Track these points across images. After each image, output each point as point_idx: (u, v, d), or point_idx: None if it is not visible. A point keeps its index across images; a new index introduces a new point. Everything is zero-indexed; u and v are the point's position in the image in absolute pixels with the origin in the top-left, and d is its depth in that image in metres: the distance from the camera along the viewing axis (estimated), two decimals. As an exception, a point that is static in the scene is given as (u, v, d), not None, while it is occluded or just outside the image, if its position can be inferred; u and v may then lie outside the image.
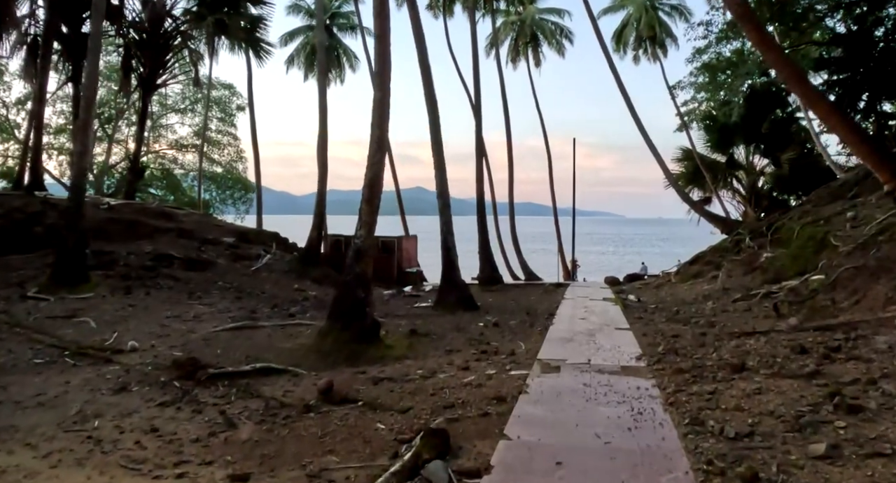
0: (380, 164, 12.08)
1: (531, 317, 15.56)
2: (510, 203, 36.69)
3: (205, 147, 49.47)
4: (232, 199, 49.24)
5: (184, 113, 49.15)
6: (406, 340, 12.21)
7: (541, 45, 41.40)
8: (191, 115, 48.84)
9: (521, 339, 12.18)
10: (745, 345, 9.55)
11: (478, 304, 17.36)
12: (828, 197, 22.82)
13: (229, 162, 49.80)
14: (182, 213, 27.32)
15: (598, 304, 16.98)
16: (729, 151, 36.43)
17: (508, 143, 36.13)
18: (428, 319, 15.26)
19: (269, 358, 10.93)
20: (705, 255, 25.73)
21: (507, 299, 19.89)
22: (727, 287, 18.66)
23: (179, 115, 49.11)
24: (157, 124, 48.83)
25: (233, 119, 48.67)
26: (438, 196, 17.65)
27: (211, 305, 17.00)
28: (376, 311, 16.93)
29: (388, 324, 14.24)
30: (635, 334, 11.92)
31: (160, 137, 50.02)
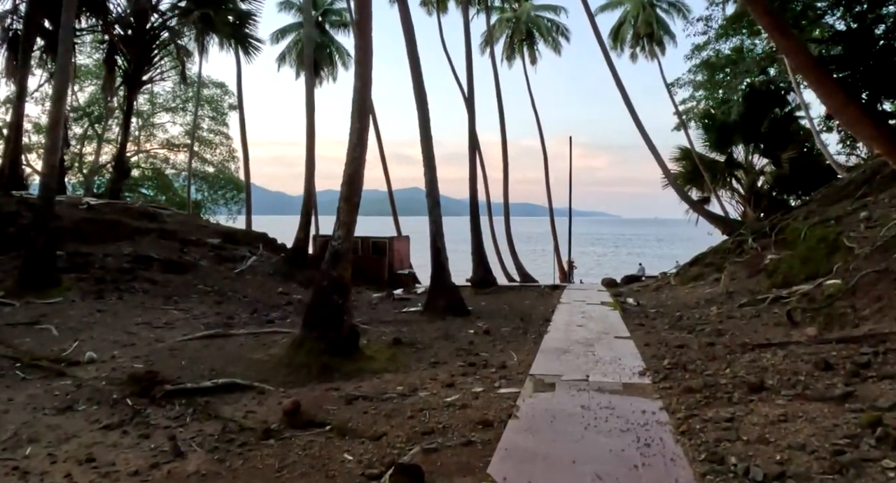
0: (360, 160, 11.04)
1: (525, 323, 14.53)
2: (505, 203, 35.60)
3: (197, 146, 48.50)
4: (224, 199, 48.17)
5: (175, 112, 48.07)
6: (388, 351, 11.17)
7: (536, 42, 40.38)
8: (182, 113, 47.79)
9: (513, 350, 11.16)
10: (761, 359, 8.50)
11: (469, 309, 16.33)
12: (833, 196, 21.83)
13: (221, 161, 48.76)
14: (167, 214, 26.27)
15: (596, 309, 15.95)
16: (728, 150, 35.49)
17: (503, 141, 35.05)
18: (415, 326, 14.23)
19: (236, 371, 9.90)
20: (706, 256, 24.72)
21: (501, 303, 18.86)
22: (731, 290, 17.64)
23: (171, 114, 48.03)
24: (147, 123, 47.77)
25: (225, 118, 47.67)
26: (428, 194, 16.61)
27: (187, 311, 15.97)
28: (362, 317, 15.98)
29: (372, 331, 13.23)
30: (637, 344, 10.88)
31: (151, 137, 48.96)
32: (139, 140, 47.54)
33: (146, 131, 48.58)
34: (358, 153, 11.06)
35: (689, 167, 35.91)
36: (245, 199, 40.81)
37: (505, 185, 35.44)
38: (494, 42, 39.74)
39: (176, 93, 46.22)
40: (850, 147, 37.68)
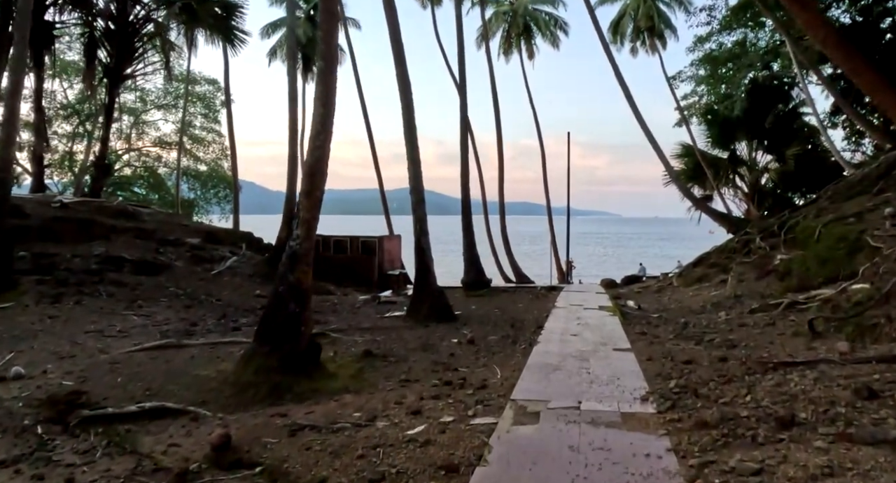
0: (323, 150, 9.60)
1: (515, 330, 13.07)
2: (500, 201, 34.10)
3: (189, 144, 47.12)
4: (217, 198, 46.72)
5: (167, 109, 46.63)
6: (355, 365, 9.72)
7: (534, 37, 38.84)
8: (174, 111, 46.30)
9: (497, 363, 9.70)
10: (787, 382, 7.02)
11: (456, 314, 14.87)
12: (845, 192, 20.33)
13: (214, 160, 47.31)
14: (146, 212, 24.86)
15: (594, 315, 14.48)
16: (731, 147, 34.05)
17: (498, 136, 33.52)
18: (394, 334, 12.77)
19: (175, 391, 8.49)
20: (710, 256, 23.23)
21: (492, 307, 17.39)
22: (739, 294, 16.16)
23: (163, 111, 46.59)
24: (139, 121, 46.32)
25: (217, 115, 46.18)
26: (412, 190, 15.14)
27: (149, 316, 14.56)
28: (340, 322, 14.55)
29: (343, 341, 11.79)
30: (638, 358, 9.41)
31: (143, 134, 47.51)
32: (130, 138, 46.14)
33: (138, 129, 47.14)
34: (321, 141, 9.61)
35: (690, 164, 34.46)
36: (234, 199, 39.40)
37: (500, 182, 33.98)
38: (490, 37, 38.26)
39: (167, 89, 44.79)
40: (856, 143, 36.33)
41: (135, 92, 45.25)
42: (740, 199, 34.69)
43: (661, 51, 38.02)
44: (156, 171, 47.37)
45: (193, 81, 44.91)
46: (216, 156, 47.09)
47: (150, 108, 46.41)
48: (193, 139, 47.01)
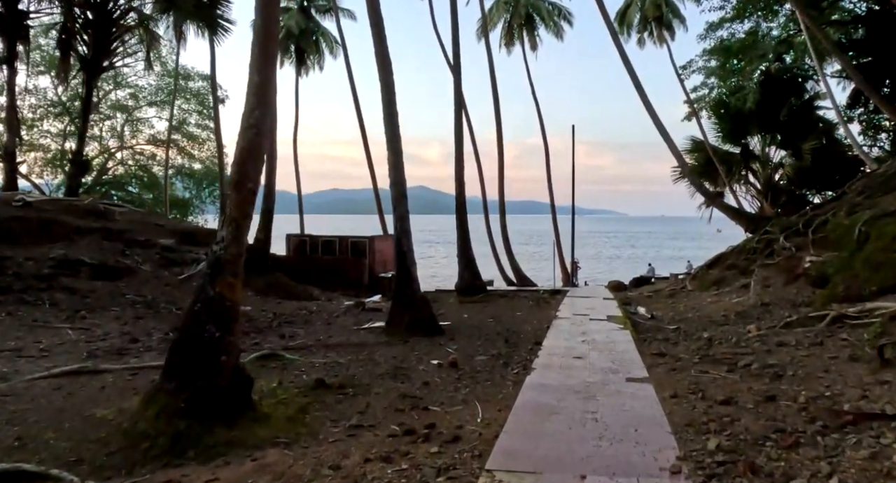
0: (259, 128, 7.42)
1: (509, 347, 10.87)
2: (500, 198, 31.76)
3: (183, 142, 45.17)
4: (213, 197, 44.65)
5: (161, 106, 44.56)
6: (300, 401, 7.53)
7: (537, 27, 36.59)
8: (168, 107, 44.23)
9: (481, 397, 7.54)
10: (885, 452, 4.80)
11: (441, 327, 12.67)
12: (880, 187, 18.07)
13: (209, 158, 45.24)
14: (119, 211, 22.76)
15: (601, 328, 12.24)
16: (743, 142, 31.78)
17: (498, 128, 31.19)
18: (364, 353, 10.58)
19: (51, 441, 6.35)
20: (726, 257, 20.97)
21: (487, 316, 15.19)
22: (766, 301, 13.95)
23: (156, 108, 44.55)
24: (132, 118, 44.34)
25: (211, 112, 44.02)
26: (392, 184, 12.92)
27: (88, 329, 12.45)
28: (309, 336, 12.41)
29: (297, 364, 9.60)
30: (659, 393, 7.20)
31: (137, 132, 45.54)
32: (123, 136, 44.19)
33: (131, 126, 45.20)
34: (256, 119, 7.43)
35: (701, 160, 32.22)
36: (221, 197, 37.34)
37: (500, 178, 31.69)
38: (491, 28, 35.99)
39: (160, 85, 42.76)
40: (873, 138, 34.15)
41: (126, 88, 43.34)
42: (753, 196, 32.47)
43: (669, 42, 35.77)
44: (150, 169, 45.38)
45: (187, 77, 42.93)
46: (211, 154, 45.02)
47: (142, 105, 44.42)
48: (187, 137, 45.01)
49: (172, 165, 45.90)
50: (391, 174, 12.95)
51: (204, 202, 44.88)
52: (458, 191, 19.32)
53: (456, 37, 20.12)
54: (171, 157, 45.58)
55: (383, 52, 13.28)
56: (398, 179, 12.90)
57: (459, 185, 19.31)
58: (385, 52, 13.28)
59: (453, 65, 20.83)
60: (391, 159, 12.95)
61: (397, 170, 12.92)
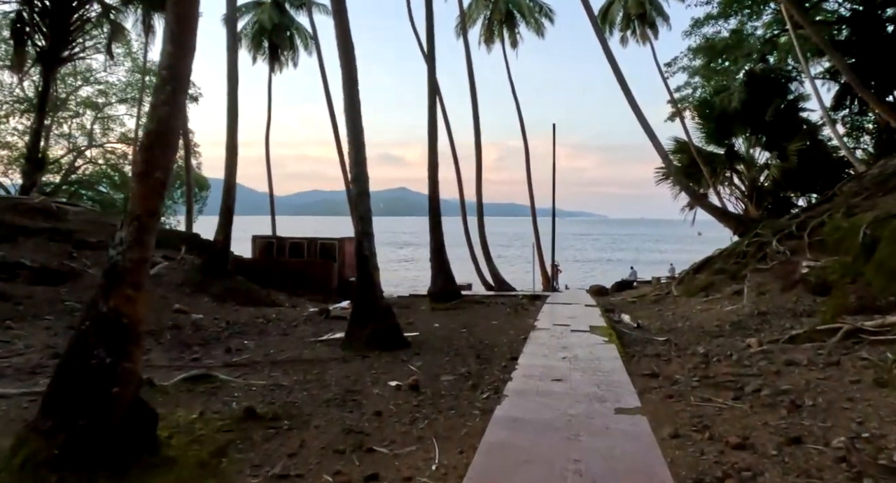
0: (172, 107, 6.02)
1: (481, 364, 9.49)
2: (478, 199, 30.34)
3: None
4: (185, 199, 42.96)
5: (132, 103, 42.79)
6: (220, 438, 6.11)
7: (517, 24, 35.30)
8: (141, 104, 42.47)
9: (441, 433, 6.17)
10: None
11: (406, 339, 11.27)
12: (876, 188, 16.94)
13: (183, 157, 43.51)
14: (73, 211, 21.20)
15: (584, 341, 10.88)
16: (727, 142, 30.74)
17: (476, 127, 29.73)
18: (314, 371, 9.16)
19: None
20: (714, 261, 19.74)
21: (459, 325, 13.80)
22: (762, 310, 12.69)
23: (127, 105, 42.81)
24: (102, 116, 42.58)
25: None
26: (353, 180, 11.48)
27: (8, 342, 10.92)
28: (252, 352, 10.94)
29: (231, 387, 8.16)
30: (656, 430, 5.84)
31: (108, 130, 43.78)
32: (93, 134, 42.42)
33: (102, 124, 43.43)
34: (167, 96, 6.02)
35: (685, 160, 31.12)
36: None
37: (478, 178, 30.26)
38: (471, 24, 34.63)
39: (130, 81, 41.04)
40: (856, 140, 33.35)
41: (96, 84, 41.63)
42: (737, 198, 31.44)
43: (652, 40, 34.58)
44: (121, 169, 43.60)
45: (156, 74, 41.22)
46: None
47: (113, 102, 42.67)
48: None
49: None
50: (351, 170, 11.55)
51: (176, 203, 43.15)
52: (432, 191, 17.92)
53: (430, 22, 18.73)
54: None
55: (344, 34, 11.87)
56: (359, 176, 11.49)
57: (433, 184, 17.90)
58: (346, 35, 11.87)
59: (427, 53, 19.44)
60: (352, 154, 11.54)
61: (358, 165, 11.50)
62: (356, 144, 11.55)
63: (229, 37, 18.15)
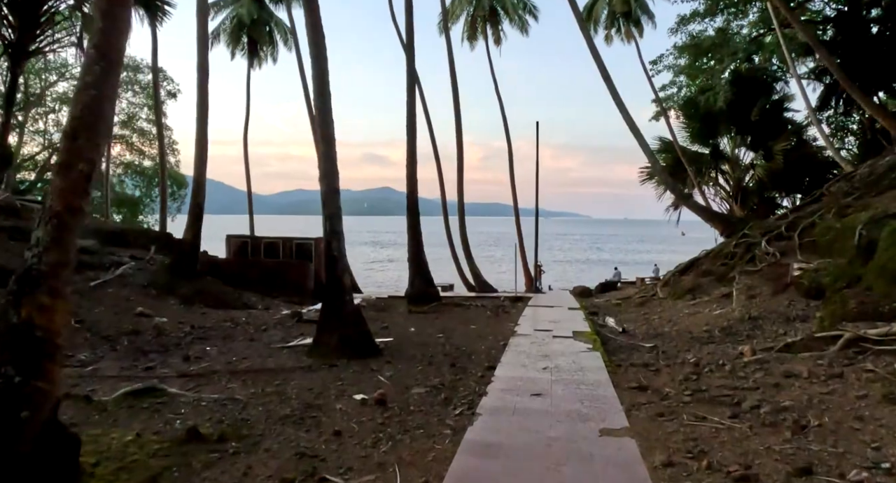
0: (98, 91, 5.27)
1: (456, 374, 8.78)
2: (459, 199, 29.49)
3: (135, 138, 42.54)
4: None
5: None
6: (155, 464, 5.35)
7: (501, 21, 34.57)
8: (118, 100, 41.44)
9: (406, 458, 5.46)
10: None
11: (378, 346, 10.54)
12: (870, 187, 16.40)
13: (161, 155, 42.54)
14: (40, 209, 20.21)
15: (566, 348, 10.20)
16: (713, 142, 30.21)
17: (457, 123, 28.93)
18: (276, 382, 8.40)
19: None
20: (700, 262, 19.13)
21: (437, 329, 13.08)
22: (753, 315, 12.04)
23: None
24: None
25: (163, 106, 41.37)
26: (322, 177, 10.70)
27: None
28: (213, 360, 10.16)
29: (180, 402, 7.39)
30: (647, 459, 5.13)
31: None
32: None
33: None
34: (97, 76, 5.29)
35: (669, 160, 30.50)
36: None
37: (459, 178, 29.41)
38: (454, 21, 33.90)
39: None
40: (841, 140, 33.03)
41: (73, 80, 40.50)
42: (722, 198, 30.93)
43: (637, 39, 33.97)
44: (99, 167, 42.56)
45: (136, 69, 40.26)
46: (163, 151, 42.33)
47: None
48: (138, 132, 42.34)
49: (122, 162, 43.25)
50: (321, 165, 10.77)
51: (154, 201, 42.21)
52: (411, 188, 17.17)
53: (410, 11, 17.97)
54: (121, 153, 42.94)
55: (315, 25, 11.11)
56: (329, 172, 10.73)
57: (412, 181, 17.16)
58: (317, 25, 11.11)
59: (406, 43, 18.66)
60: (321, 148, 10.78)
61: (328, 161, 10.75)
62: (326, 139, 10.80)
63: (199, 27, 17.30)
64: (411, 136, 17.40)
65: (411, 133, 17.38)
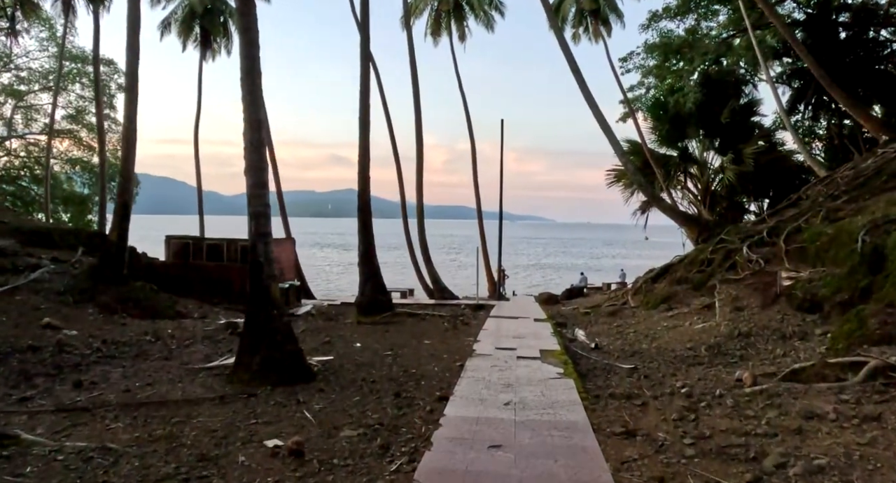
0: None
1: (399, 407, 7.08)
2: (418, 199, 27.59)
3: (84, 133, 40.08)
4: (111, 193, 39.48)
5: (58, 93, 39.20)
6: None
7: (466, 17, 32.90)
8: (64, 94, 38.94)
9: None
10: None
11: (311, 368, 8.78)
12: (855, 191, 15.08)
13: (112, 151, 40.04)
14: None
15: (534, 373, 8.53)
16: (681, 145, 28.97)
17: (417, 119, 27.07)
18: (172, 420, 6.63)
19: None
20: (675, 268, 17.67)
21: (386, 345, 11.34)
22: (743, 330, 10.52)
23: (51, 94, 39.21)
24: (22, 105, 38.96)
25: (113, 100, 39.00)
26: (248, 169, 8.95)
27: None
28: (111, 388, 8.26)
29: (34, 456, 5.57)
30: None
31: (31, 121, 40.12)
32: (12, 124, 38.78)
33: (25, 114, 39.79)
34: None
35: (637, 162, 29.13)
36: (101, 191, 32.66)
37: (419, 177, 27.55)
38: (417, 15, 32.14)
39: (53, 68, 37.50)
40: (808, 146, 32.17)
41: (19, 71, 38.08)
42: (689, 201, 29.67)
43: (605, 38, 32.57)
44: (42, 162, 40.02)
45: (85, 60, 37.82)
46: (114, 146, 39.83)
47: (36, 90, 39.10)
48: (88, 127, 39.85)
49: (70, 159, 40.73)
50: (247, 155, 8.97)
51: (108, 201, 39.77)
52: (362, 186, 15.39)
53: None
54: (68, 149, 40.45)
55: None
56: (256, 162, 8.96)
57: (363, 176, 15.36)
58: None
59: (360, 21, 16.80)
60: (248, 135, 8.99)
61: (255, 149, 8.97)
62: (254, 123, 9.02)
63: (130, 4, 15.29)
64: (364, 126, 15.60)
65: (364, 122, 15.59)
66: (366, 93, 15.70)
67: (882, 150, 17.79)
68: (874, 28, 27.54)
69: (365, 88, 15.73)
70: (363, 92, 15.65)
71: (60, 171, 41.29)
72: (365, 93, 15.68)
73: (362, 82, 15.79)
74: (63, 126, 39.57)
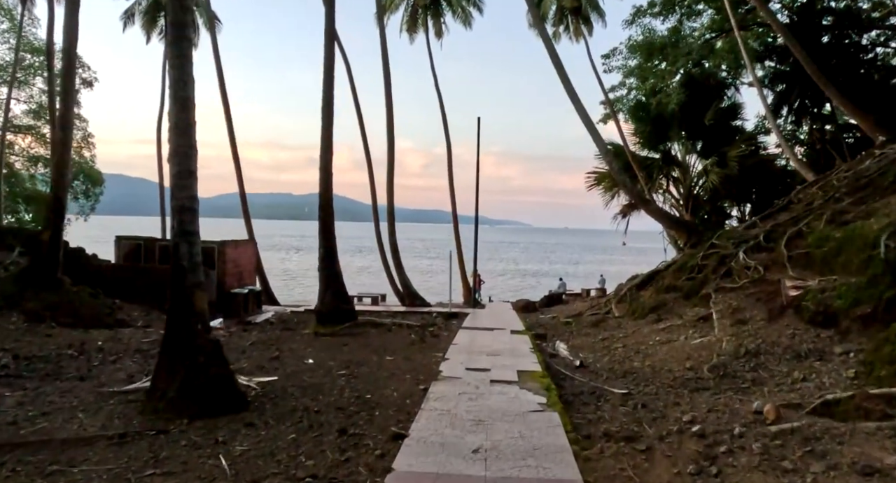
0: None
1: (342, 450, 5.56)
2: (389, 202, 25.90)
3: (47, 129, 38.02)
4: (73, 192, 37.43)
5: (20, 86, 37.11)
6: None
7: (444, 13, 31.40)
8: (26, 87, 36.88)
9: None
10: None
11: (244, 394, 7.22)
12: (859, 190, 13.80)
13: (76, 148, 38.01)
14: None
15: (510, 404, 7.06)
16: (663, 147, 27.80)
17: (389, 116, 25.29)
18: (43, 471, 5.08)
19: None
20: (662, 276, 16.27)
21: (341, 362, 9.79)
22: (750, 347, 9.09)
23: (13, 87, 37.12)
24: (-19, 100, 36.78)
25: (76, 95, 36.96)
26: (171, 156, 7.39)
27: None
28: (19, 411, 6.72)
29: None
30: None
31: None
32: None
33: (-17, 110, 37.62)
34: None
35: (619, 165, 27.86)
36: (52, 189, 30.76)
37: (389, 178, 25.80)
38: (392, 10, 30.56)
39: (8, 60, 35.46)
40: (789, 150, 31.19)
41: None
42: (672, 205, 28.44)
43: (587, 37, 31.25)
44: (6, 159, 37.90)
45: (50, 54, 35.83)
46: (77, 144, 37.83)
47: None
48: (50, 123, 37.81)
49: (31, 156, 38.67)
50: (171, 139, 7.41)
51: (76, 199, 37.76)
52: (324, 185, 13.79)
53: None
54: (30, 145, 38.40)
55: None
56: (183, 147, 7.40)
57: (325, 172, 13.77)
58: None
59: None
60: (173, 117, 7.42)
61: (181, 132, 7.40)
62: (181, 101, 7.46)
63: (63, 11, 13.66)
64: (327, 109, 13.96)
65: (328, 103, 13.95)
66: (329, 70, 14.07)
67: (881, 151, 16.62)
68: (857, 32, 26.70)
69: (329, 66, 14.11)
70: (327, 70, 14.03)
71: (22, 169, 39.27)
72: (329, 70, 14.06)
73: (326, 61, 14.18)
74: (23, 122, 37.56)
